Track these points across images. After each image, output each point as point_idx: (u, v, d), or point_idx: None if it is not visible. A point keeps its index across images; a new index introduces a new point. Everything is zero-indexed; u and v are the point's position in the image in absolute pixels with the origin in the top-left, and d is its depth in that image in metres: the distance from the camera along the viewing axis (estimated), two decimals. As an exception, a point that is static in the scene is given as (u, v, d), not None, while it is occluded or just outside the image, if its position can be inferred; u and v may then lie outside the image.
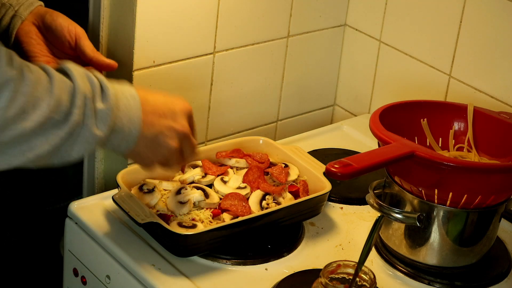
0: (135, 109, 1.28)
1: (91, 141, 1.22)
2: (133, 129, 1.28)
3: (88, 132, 1.21)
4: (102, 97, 1.23)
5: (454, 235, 1.49)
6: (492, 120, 1.60)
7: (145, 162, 1.36)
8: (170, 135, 1.34)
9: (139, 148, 1.31)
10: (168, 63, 1.74)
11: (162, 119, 1.33)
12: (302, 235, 1.59)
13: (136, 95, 1.29)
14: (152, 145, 1.33)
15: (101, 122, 1.22)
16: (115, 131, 1.25)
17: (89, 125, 1.21)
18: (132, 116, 1.27)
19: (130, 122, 1.27)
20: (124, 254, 1.50)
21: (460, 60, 1.81)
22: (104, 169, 1.82)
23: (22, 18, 1.49)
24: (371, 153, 1.41)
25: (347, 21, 2.02)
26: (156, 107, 1.32)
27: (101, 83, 1.24)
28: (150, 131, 1.31)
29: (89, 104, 1.21)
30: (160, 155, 1.35)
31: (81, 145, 1.21)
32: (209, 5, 1.75)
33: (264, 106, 1.96)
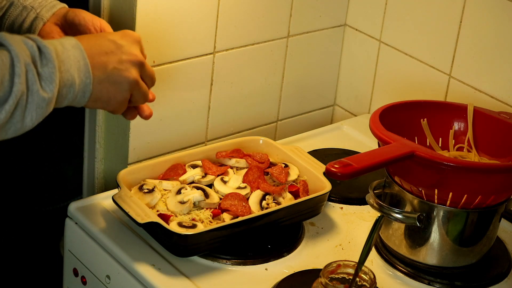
0: (80, 57, 1.26)
1: (43, 105, 1.20)
2: (84, 77, 1.26)
3: (37, 97, 1.20)
4: (42, 57, 1.21)
5: (454, 235, 1.49)
6: (492, 120, 1.60)
7: (111, 105, 1.34)
8: (124, 68, 1.32)
9: (98, 93, 1.29)
10: (168, 63, 1.74)
11: (111, 56, 1.30)
12: (302, 235, 1.59)
13: (78, 43, 1.26)
14: (110, 85, 1.30)
15: (47, 83, 1.21)
16: (66, 85, 1.24)
17: (35, 90, 1.19)
18: (79, 65, 1.25)
19: (79, 71, 1.25)
20: (124, 254, 1.50)
21: (460, 60, 1.81)
22: (104, 169, 1.82)
23: (43, 20, 1.48)
24: (371, 153, 1.41)
25: (347, 21, 2.02)
26: (101, 47, 1.30)
27: (38, 44, 1.22)
28: (103, 72, 1.29)
29: (30, 69, 1.19)
30: (123, 90, 1.33)
31: (34, 111, 1.20)
32: (209, 5, 1.75)
33: (264, 106, 1.96)
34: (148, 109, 1.45)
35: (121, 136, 1.75)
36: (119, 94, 1.33)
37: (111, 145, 1.79)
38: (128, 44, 1.34)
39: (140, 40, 1.37)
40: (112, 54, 1.31)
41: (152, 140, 1.78)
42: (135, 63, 1.33)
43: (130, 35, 1.36)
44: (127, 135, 1.73)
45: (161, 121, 1.77)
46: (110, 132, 1.78)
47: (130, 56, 1.33)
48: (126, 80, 1.32)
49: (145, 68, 1.36)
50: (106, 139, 1.79)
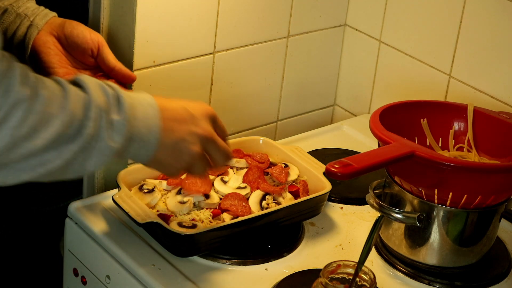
0: (153, 116, 1.24)
1: (107, 153, 1.19)
2: (152, 138, 1.24)
3: (103, 144, 1.18)
4: (118, 107, 1.20)
5: (454, 235, 1.49)
6: (492, 120, 1.60)
7: (168, 170, 1.32)
8: (191, 140, 1.30)
9: (160, 156, 1.27)
10: (168, 63, 1.74)
11: (182, 125, 1.29)
12: (302, 235, 1.59)
13: (154, 103, 1.25)
14: (173, 152, 1.29)
15: (116, 133, 1.19)
16: (132, 140, 1.22)
17: (104, 137, 1.18)
18: (150, 124, 1.24)
19: (148, 131, 1.24)
20: (124, 254, 1.50)
21: (460, 60, 1.81)
22: (104, 169, 1.82)
23: (38, 28, 1.47)
24: (371, 153, 1.41)
25: (347, 21, 2.02)
26: (175, 113, 1.29)
27: (117, 93, 1.21)
28: (170, 138, 1.27)
29: (103, 116, 1.18)
30: (183, 161, 1.31)
31: (96, 158, 1.18)
32: (209, 5, 1.75)
33: (264, 106, 1.96)
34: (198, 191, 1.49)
35: (121, 136, 1.75)
36: (179, 163, 1.31)
37: (111, 145, 1.79)
38: (201, 116, 1.32)
39: (215, 115, 1.35)
40: (184, 124, 1.29)
41: (152, 140, 1.77)
42: (202, 138, 1.31)
43: (206, 109, 1.34)
44: (127, 135, 1.73)
45: (161, 121, 1.77)
46: (110, 132, 1.78)
47: (200, 129, 1.31)
48: (189, 152, 1.30)
49: (215, 143, 1.34)
50: (106, 139, 1.79)
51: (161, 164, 1.30)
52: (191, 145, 1.30)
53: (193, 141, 1.30)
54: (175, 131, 1.28)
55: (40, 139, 1.11)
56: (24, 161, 1.12)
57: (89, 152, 1.17)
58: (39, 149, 1.12)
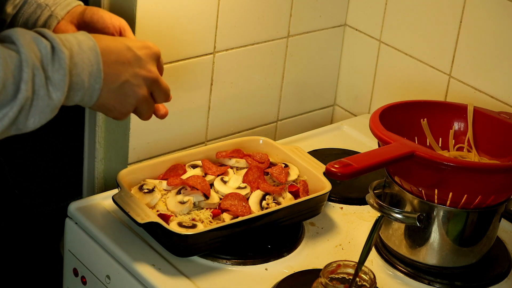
0: (95, 62, 1.22)
1: (47, 110, 1.18)
2: (94, 83, 1.22)
3: (42, 102, 1.16)
4: (54, 61, 1.17)
5: (454, 235, 1.49)
6: (492, 120, 1.60)
7: (114, 113, 1.31)
8: (137, 83, 1.28)
9: (105, 100, 1.26)
10: (168, 63, 1.74)
11: (127, 67, 1.27)
12: (302, 235, 1.59)
13: (95, 46, 1.23)
14: (118, 96, 1.27)
15: (55, 89, 1.17)
16: (74, 89, 1.20)
17: (41, 95, 1.16)
18: (92, 70, 1.22)
19: (90, 76, 1.22)
20: (124, 254, 1.50)
21: (460, 60, 1.81)
22: (104, 169, 1.82)
23: (58, 18, 1.45)
24: (371, 153, 1.41)
25: (347, 21, 2.02)
26: (119, 56, 1.26)
27: (53, 45, 1.18)
28: (114, 82, 1.26)
29: (39, 74, 1.15)
30: (129, 104, 1.30)
31: (37, 116, 1.17)
32: (209, 5, 1.75)
33: (264, 106, 1.96)
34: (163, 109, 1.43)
35: (121, 136, 1.75)
36: (124, 106, 1.30)
37: (111, 145, 1.79)
38: (146, 57, 1.30)
39: (160, 54, 1.33)
40: (128, 66, 1.27)
41: (152, 140, 1.78)
42: (148, 80, 1.30)
43: (150, 48, 1.32)
44: (127, 135, 1.73)
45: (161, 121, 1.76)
46: (110, 132, 1.78)
47: (145, 71, 1.29)
48: (134, 95, 1.29)
49: (159, 84, 1.33)
50: (106, 139, 1.79)
51: (106, 108, 1.29)
52: (137, 88, 1.29)
53: (138, 84, 1.29)
54: (119, 74, 1.26)
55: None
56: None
57: (28, 112, 1.16)
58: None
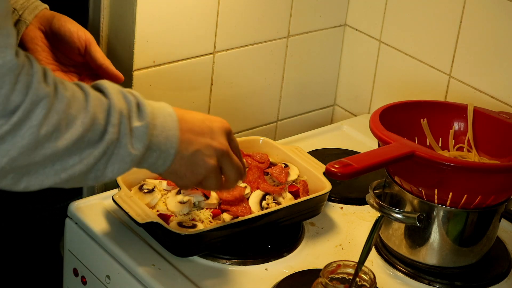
0: (172, 127, 1.23)
1: (128, 160, 1.18)
2: (170, 148, 1.23)
3: (124, 151, 1.17)
4: (139, 115, 1.19)
5: (454, 235, 1.49)
6: (492, 120, 1.60)
7: (183, 181, 1.31)
8: (208, 153, 1.29)
9: (176, 167, 1.26)
10: (168, 63, 1.74)
11: (200, 137, 1.28)
12: (302, 235, 1.59)
13: (173, 113, 1.25)
14: (189, 164, 1.28)
15: (137, 141, 1.18)
16: (151, 149, 1.21)
17: (124, 143, 1.16)
18: (169, 134, 1.23)
19: (167, 140, 1.23)
20: (124, 254, 1.50)
21: (460, 60, 1.81)
22: (104, 169, 1.82)
23: (26, 23, 1.45)
24: (371, 153, 1.41)
25: (347, 21, 2.02)
26: (193, 125, 1.28)
27: (137, 100, 1.20)
28: (188, 150, 1.27)
29: (125, 122, 1.16)
30: (198, 174, 1.30)
31: (117, 164, 1.17)
32: (209, 5, 1.75)
33: (264, 106, 1.96)
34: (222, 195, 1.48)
35: (121, 136, 1.75)
36: (194, 175, 1.30)
37: (111, 145, 1.79)
38: (218, 130, 1.32)
39: (231, 130, 1.35)
40: (202, 136, 1.29)
41: (152, 140, 1.77)
42: (219, 151, 1.31)
43: (223, 123, 1.34)
44: (127, 135, 1.73)
45: (161, 121, 1.77)
46: (110, 132, 1.78)
47: (217, 143, 1.31)
48: (205, 165, 1.30)
49: (230, 158, 1.33)
50: (106, 139, 1.79)
51: (176, 175, 1.29)
52: (207, 158, 1.29)
53: (209, 154, 1.30)
54: (193, 143, 1.27)
55: (63, 140, 1.09)
56: (47, 165, 1.10)
57: (110, 158, 1.16)
58: (62, 150, 1.10)
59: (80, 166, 1.13)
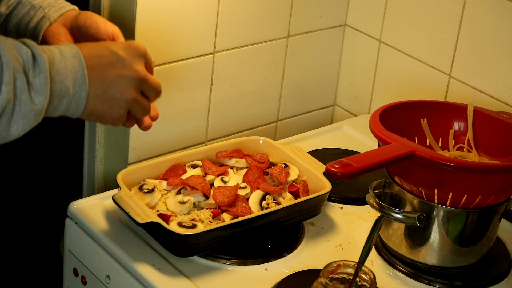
0: (78, 67, 1.20)
1: (30, 115, 1.15)
2: (79, 90, 1.20)
3: (25, 106, 1.14)
4: (35, 66, 1.16)
5: (454, 235, 1.49)
6: (492, 120, 1.60)
7: (106, 119, 1.28)
8: (122, 83, 1.25)
9: (93, 107, 1.23)
10: (168, 63, 1.74)
11: (111, 70, 1.24)
12: (302, 235, 1.59)
13: (78, 52, 1.21)
14: (106, 100, 1.24)
15: (37, 94, 1.15)
16: (58, 96, 1.18)
17: (23, 99, 1.14)
18: (76, 76, 1.19)
19: (74, 82, 1.19)
20: (124, 254, 1.50)
21: (460, 60, 1.81)
22: (104, 169, 1.82)
23: (50, 20, 1.44)
24: (371, 153, 1.41)
25: (347, 21, 2.02)
26: (101, 59, 1.24)
27: (33, 51, 1.16)
28: (100, 87, 1.23)
29: (20, 77, 1.14)
30: (119, 107, 1.27)
31: (19, 121, 1.15)
32: (209, 5, 1.75)
33: (264, 106, 1.96)
34: (148, 121, 1.39)
35: (121, 136, 1.75)
36: (115, 110, 1.27)
37: (111, 145, 1.79)
38: (130, 57, 1.27)
39: (146, 52, 1.30)
40: (112, 68, 1.24)
41: (152, 140, 1.78)
42: (135, 79, 1.27)
43: (134, 48, 1.29)
44: (127, 135, 1.73)
45: (161, 121, 1.77)
46: (110, 132, 1.78)
47: (131, 71, 1.26)
48: (123, 97, 1.26)
49: (147, 82, 1.30)
50: (106, 139, 1.80)
51: (96, 115, 1.26)
52: (124, 89, 1.26)
53: (124, 85, 1.26)
54: (104, 78, 1.23)
55: None
56: None
57: (9, 117, 1.14)
58: None
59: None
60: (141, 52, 1.30)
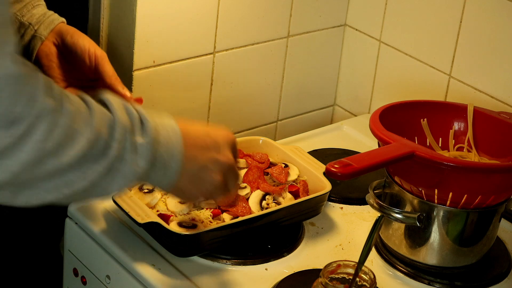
0: (176, 143, 1.20)
1: (131, 177, 1.14)
2: (174, 164, 1.20)
3: (128, 167, 1.13)
4: (142, 130, 1.16)
5: (454, 235, 1.49)
6: (492, 120, 1.60)
7: (188, 197, 1.29)
8: (213, 168, 1.26)
9: (181, 183, 1.23)
10: (168, 63, 1.74)
11: (205, 152, 1.25)
12: (302, 235, 1.59)
13: (177, 128, 1.21)
14: (195, 180, 1.25)
15: (141, 157, 1.15)
16: (155, 166, 1.18)
17: (128, 160, 1.13)
18: (173, 150, 1.19)
19: (171, 157, 1.19)
20: (124, 254, 1.50)
21: (460, 60, 1.81)
22: (104, 169, 1.82)
23: (42, 39, 1.43)
24: (371, 153, 1.41)
25: (347, 21, 2.02)
26: (198, 139, 1.25)
27: (140, 115, 1.17)
28: (193, 166, 1.23)
29: (128, 137, 1.13)
30: (204, 189, 1.28)
31: (120, 180, 1.14)
32: (209, 5, 1.75)
33: (264, 106, 1.96)
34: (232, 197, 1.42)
35: (121, 136, 1.75)
36: (200, 191, 1.27)
37: (111, 145, 1.79)
38: (223, 143, 1.29)
39: (235, 141, 1.32)
40: (207, 150, 1.26)
41: (152, 140, 1.77)
42: (225, 165, 1.28)
43: (228, 135, 1.31)
44: (127, 135, 1.73)
45: (161, 121, 1.77)
46: (110, 132, 1.78)
47: (222, 157, 1.28)
48: (211, 181, 1.27)
49: (234, 170, 1.31)
50: (106, 139, 1.79)
51: (181, 191, 1.26)
52: (213, 174, 1.27)
53: (215, 170, 1.27)
54: (198, 158, 1.24)
55: (66, 155, 1.06)
56: (49, 181, 1.07)
57: (113, 174, 1.13)
58: (65, 166, 1.06)
59: (83, 182, 1.10)
60: (233, 140, 1.31)
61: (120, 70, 1.67)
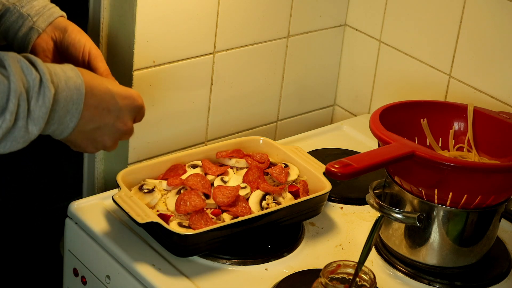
0: (76, 102, 1.23)
1: (19, 140, 1.18)
2: (69, 122, 1.24)
3: (18, 132, 1.17)
4: (39, 96, 1.18)
5: (454, 235, 1.49)
6: (492, 120, 1.60)
7: (78, 149, 1.33)
8: (108, 132, 1.32)
9: (73, 138, 1.28)
10: (168, 63, 1.74)
11: (104, 115, 1.29)
12: (302, 235, 1.59)
13: (82, 87, 1.24)
14: (87, 138, 1.30)
15: (33, 123, 1.18)
16: (49, 123, 1.21)
17: (19, 125, 1.17)
18: (71, 109, 1.23)
19: (68, 114, 1.23)
20: (124, 254, 1.50)
21: (460, 60, 1.81)
22: (104, 169, 1.82)
23: (39, 31, 1.44)
24: (371, 153, 1.41)
25: (347, 21, 2.02)
26: (101, 101, 1.28)
27: (41, 75, 1.18)
28: (88, 125, 1.28)
29: (23, 105, 1.16)
30: (94, 148, 1.33)
31: (9, 142, 1.18)
32: (209, 5, 1.75)
33: (264, 106, 1.96)
34: None
35: (121, 136, 1.75)
36: (89, 148, 1.33)
37: (111, 145, 1.79)
38: (126, 109, 1.33)
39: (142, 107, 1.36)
40: (107, 114, 1.30)
41: (152, 140, 1.78)
42: (121, 132, 1.34)
43: (134, 100, 1.34)
44: (127, 135, 1.73)
45: (161, 121, 1.77)
46: (110, 132, 1.78)
47: (121, 123, 1.33)
48: (103, 142, 1.33)
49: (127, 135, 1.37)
50: (106, 139, 1.79)
51: (73, 144, 1.31)
52: (106, 137, 1.32)
53: (109, 134, 1.32)
54: (95, 120, 1.28)
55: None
56: None
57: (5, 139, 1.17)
58: None
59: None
60: (138, 106, 1.35)
61: (120, 70, 1.67)
